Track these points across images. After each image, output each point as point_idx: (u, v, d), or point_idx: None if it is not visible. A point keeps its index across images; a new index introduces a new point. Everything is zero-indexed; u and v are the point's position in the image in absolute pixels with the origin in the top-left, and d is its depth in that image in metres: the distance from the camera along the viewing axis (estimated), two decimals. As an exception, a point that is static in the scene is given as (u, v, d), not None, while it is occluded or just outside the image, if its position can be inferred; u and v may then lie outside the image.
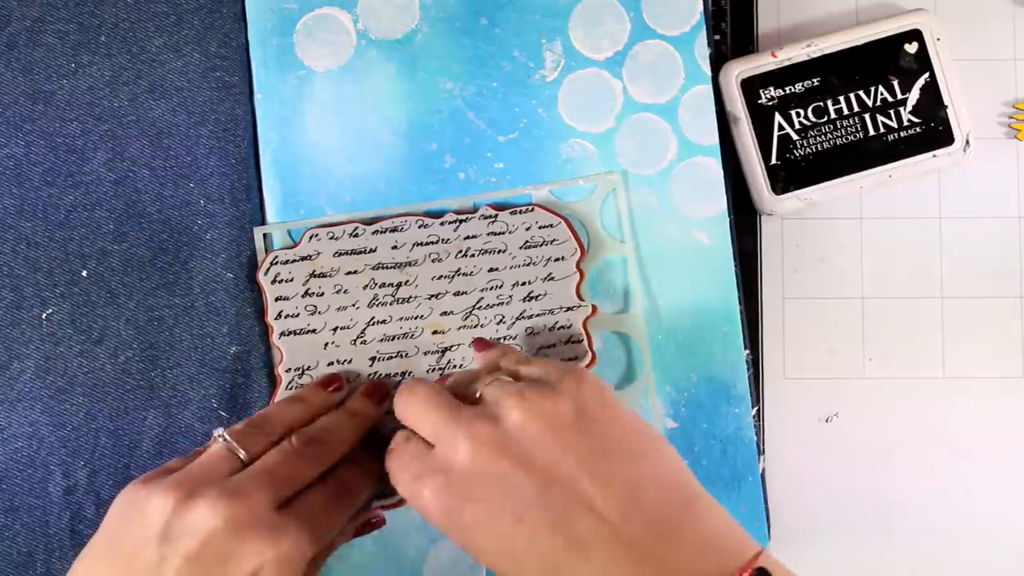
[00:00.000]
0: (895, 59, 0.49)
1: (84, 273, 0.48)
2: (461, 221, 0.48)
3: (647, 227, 0.49)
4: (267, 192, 0.49)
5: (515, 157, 0.49)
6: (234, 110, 0.49)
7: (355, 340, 0.48)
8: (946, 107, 0.49)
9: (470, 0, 0.49)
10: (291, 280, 0.48)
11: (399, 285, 0.48)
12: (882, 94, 0.49)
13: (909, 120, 0.49)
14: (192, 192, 0.49)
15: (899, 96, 0.49)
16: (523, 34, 0.50)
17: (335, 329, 0.48)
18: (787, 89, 0.49)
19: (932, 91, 0.49)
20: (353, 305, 0.48)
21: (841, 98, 0.49)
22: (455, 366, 0.48)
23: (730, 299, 0.49)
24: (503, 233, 0.48)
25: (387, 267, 0.48)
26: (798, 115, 0.49)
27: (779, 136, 0.49)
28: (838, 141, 0.49)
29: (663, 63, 0.50)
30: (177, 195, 0.49)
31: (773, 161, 0.49)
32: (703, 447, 0.49)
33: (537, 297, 0.48)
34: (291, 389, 0.48)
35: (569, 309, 0.48)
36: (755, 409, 0.49)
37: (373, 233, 0.48)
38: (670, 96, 0.50)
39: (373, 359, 0.48)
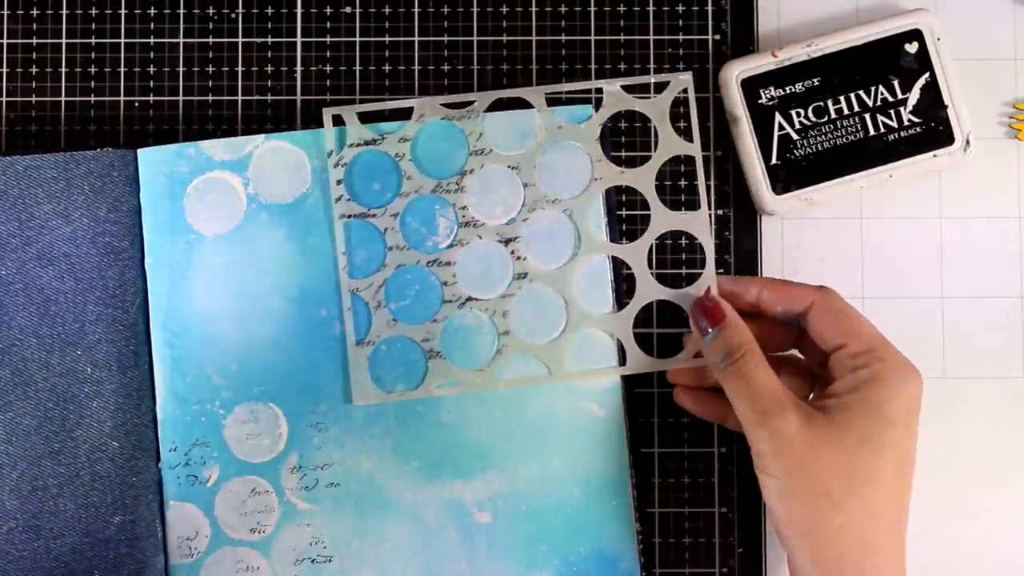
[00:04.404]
0: (895, 59, 0.49)
1: None
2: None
3: (538, 398, 0.49)
4: (156, 358, 0.48)
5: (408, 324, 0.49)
6: (123, 275, 0.48)
7: None
8: (946, 107, 0.49)
9: (364, 166, 0.49)
10: None
11: None
12: (882, 94, 0.49)
13: (909, 120, 0.49)
14: (79, 359, 0.47)
15: (899, 96, 0.49)
16: (416, 200, 0.49)
17: None
18: (787, 89, 0.49)
19: (932, 91, 0.49)
20: None
21: (841, 98, 0.49)
22: None
23: (621, 472, 0.49)
24: None
25: None
26: (798, 115, 0.49)
27: (779, 136, 0.49)
28: (838, 141, 0.49)
29: (557, 231, 0.49)
30: (64, 363, 0.48)
31: (773, 161, 0.49)
32: None
33: None
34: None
35: None
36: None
37: None
38: (563, 263, 0.49)
39: None
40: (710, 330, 0.45)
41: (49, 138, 0.51)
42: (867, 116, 0.49)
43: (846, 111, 0.49)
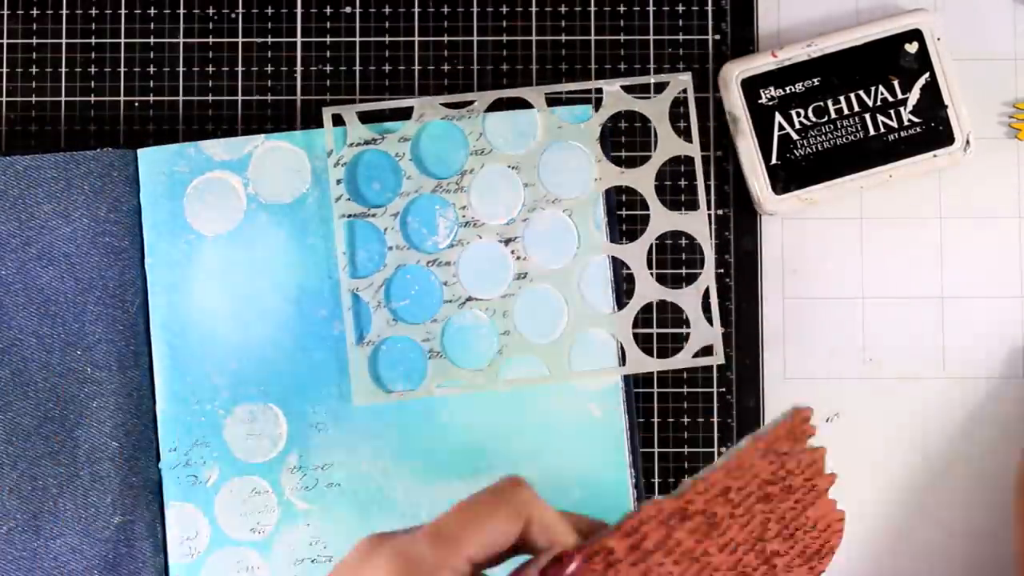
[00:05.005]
0: (895, 59, 0.49)
1: None
2: None
3: (539, 398, 0.49)
4: (156, 358, 0.48)
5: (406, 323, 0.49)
6: (123, 275, 0.48)
7: None
8: (946, 107, 0.49)
9: (364, 165, 0.49)
10: None
11: None
12: (882, 94, 0.49)
13: (909, 120, 0.49)
14: (79, 359, 0.48)
15: (899, 96, 0.49)
16: (416, 200, 0.49)
17: None
18: (787, 89, 0.49)
19: (932, 91, 0.49)
20: None
21: (841, 98, 0.49)
22: None
23: (620, 472, 0.49)
24: None
25: None
26: (798, 115, 0.49)
27: (779, 136, 0.49)
28: (838, 141, 0.49)
29: (558, 231, 0.49)
30: (64, 363, 0.48)
31: (773, 161, 0.49)
32: None
33: None
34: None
35: None
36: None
37: None
38: (563, 263, 0.49)
39: None
40: None
41: (49, 138, 0.51)
42: (867, 116, 0.49)
43: (846, 111, 0.49)
